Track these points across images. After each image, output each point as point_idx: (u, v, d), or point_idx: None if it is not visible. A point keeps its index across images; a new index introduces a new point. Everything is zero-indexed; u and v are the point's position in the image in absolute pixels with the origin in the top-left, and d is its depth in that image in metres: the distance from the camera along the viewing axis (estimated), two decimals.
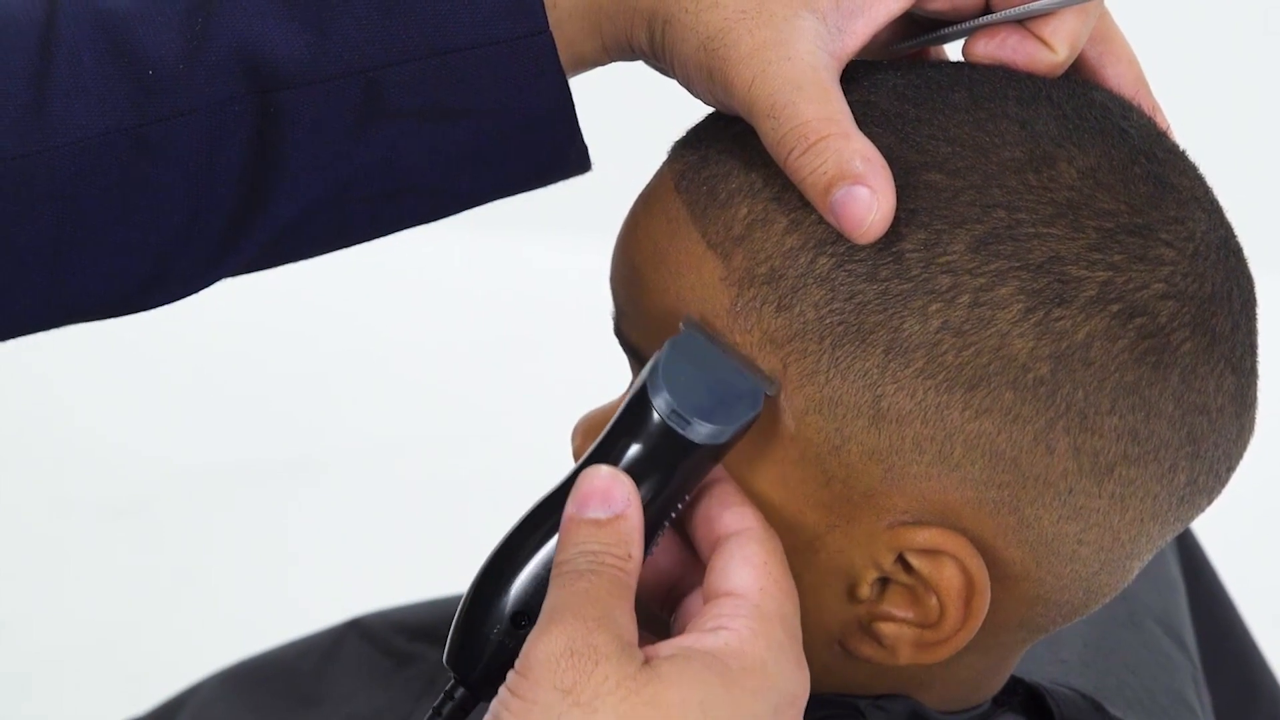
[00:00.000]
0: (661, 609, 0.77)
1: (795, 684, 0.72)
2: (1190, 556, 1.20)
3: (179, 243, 0.81)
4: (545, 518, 0.74)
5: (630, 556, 0.72)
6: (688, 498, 0.75)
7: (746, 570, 0.73)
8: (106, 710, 1.52)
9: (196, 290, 0.84)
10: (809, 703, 0.79)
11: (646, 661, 0.70)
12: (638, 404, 0.74)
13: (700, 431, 0.73)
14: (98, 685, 1.94)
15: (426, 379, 2.45)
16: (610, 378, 0.80)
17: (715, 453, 0.74)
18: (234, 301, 1.59)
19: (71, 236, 0.80)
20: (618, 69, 0.85)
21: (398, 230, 0.84)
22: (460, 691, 0.75)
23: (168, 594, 2.08)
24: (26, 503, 2.22)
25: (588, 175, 0.85)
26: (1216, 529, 1.38)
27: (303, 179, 0.80)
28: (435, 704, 0.76)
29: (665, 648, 0.71)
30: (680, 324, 0.75)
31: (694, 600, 0.76)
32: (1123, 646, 1.08)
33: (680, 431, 0.73)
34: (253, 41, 0.78)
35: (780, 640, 0.72)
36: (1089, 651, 1.06)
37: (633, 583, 0.72)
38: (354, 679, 1.08)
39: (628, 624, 0.71)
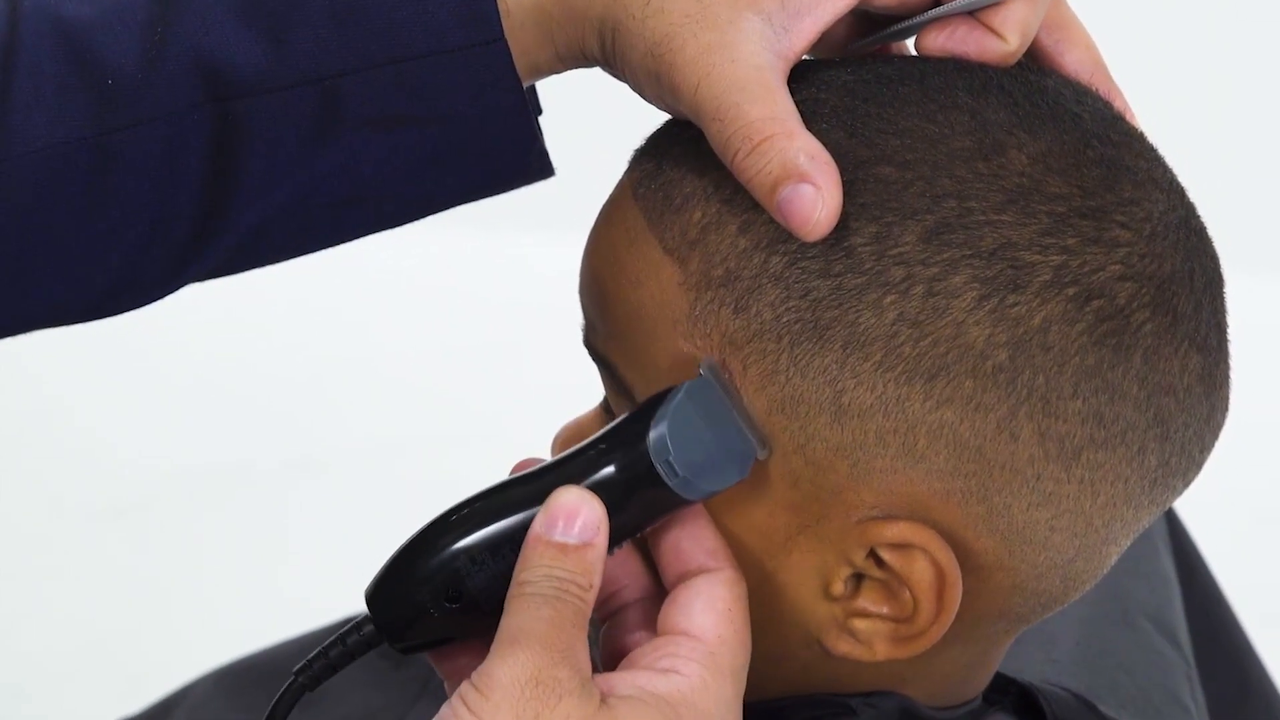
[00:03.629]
0: (595, 609, 0.77)
1: None
2: (1184, 554, 1.20)
3: (142, 250, 0.81)
4: (504, 506, 0.74)
5: (591, 587, 0.73)
6: (647, 530, 0.75)
7: (710, 615, 0.74)
8: (105, 710, 1.52)
9: (162, 296, 0.84)
10: (800, 702, 0.79)
11: (604, 700, 0.70)
12: (633, 433, 0.74)
13: (684, 485, 0.73)
14: (95, 685, 1.95)
15: (425, 380, 2.46)
16: None
17: (689, 501, 0.74)
18: (233, 302, 1.60)
19: (35, 246, 0.80)
20: None
21: (363, 235, 0.84)
22: (369, 629, 0.76)
23: (166, 594, 2.09)
24: (26, 503, 2.22)
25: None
26: (1211, 527, 1.38)
27: (264, 186, 0.80)
28: (343, 631, 0.76)
29: (620, 685, 0.72)
30: (700, 367, 0.75)
31: (635, 614, 0.77)
32: (1116, 645, 1.07)
33: (665, 479, 0.73)
34: (211, 51, 0.79)
35: (728, 698, 0.73)
36: (1082, 651, 1.05)
37: (589, 613, 0.73)
38: (350, 679, 1.07)
39: (585, 658, 0.71)
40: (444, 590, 0.74)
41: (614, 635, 0.77)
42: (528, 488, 0.74)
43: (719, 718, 0.72)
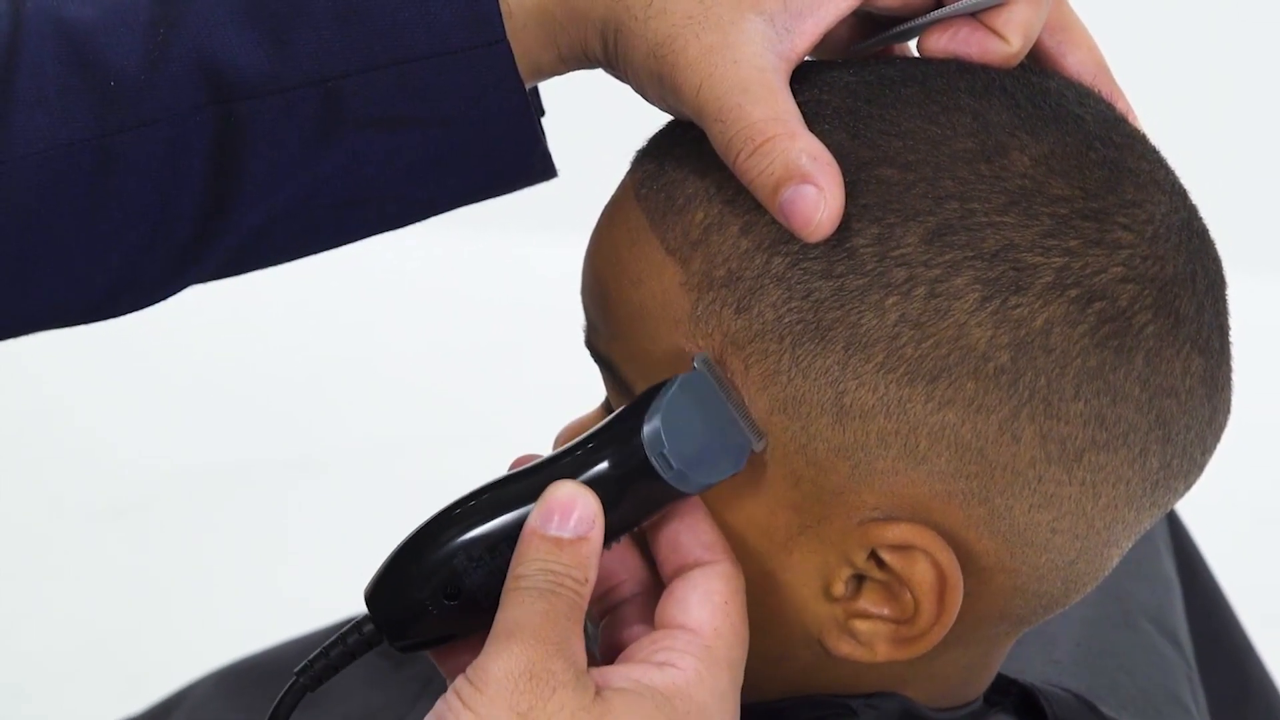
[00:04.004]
0: (593, 604, 0.77)
1: None
2: (1185, 555, 1.20)
3: (144, 252, 0.81)
4: (502, 503, 0.74)
5: (586, 581, 0.73)
6: (644, 524, 0.75)
7: (706, 607, 0.74)
8: (105, 710, 1.52)
9: (164, 297, 0.85)
10: (801, 703, 0.79)
11: (598, 693, 0.70)
12: (627, 427, 0.74)
13: (679, 478, 0.73)
14: (96, 685, 1.95)
15: (425, 379, 2.46)
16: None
17: (685, 494, 0.74)
18: (233, 302, 1.60)
19: (36, 247, 0.80)
20: None
21: (365, 237, 0.84)
22: (369, 628, 0.76)
23: (166, 594, 2.09)
24: (26, 503, 2.22)
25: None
26: (1212, 528, 1.38)
27: (266, 188, 0.80)
28: (343, 631, 0.76)
29: (615, 678, 0.72)
30: (693, 360, 0.74)
31: (633, 609, 0.77)
32: (1117, 646, 1.07)
33: (660, 472, 0.73)
34: (214, 52, 0.79)
35: (725, 690, 0.73)
36: (1083, 651, 1.05)
37: (585, 606, 0.73)
38: (350, 679, 1.07)
39: (580, 651, 0.71)
40: (442, 588, 0.74)
41: (612, 630, 0.77)
42: (524, 484, 0.74)
43: (715, 710, 0.72)
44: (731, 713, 0.73)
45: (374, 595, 0.75)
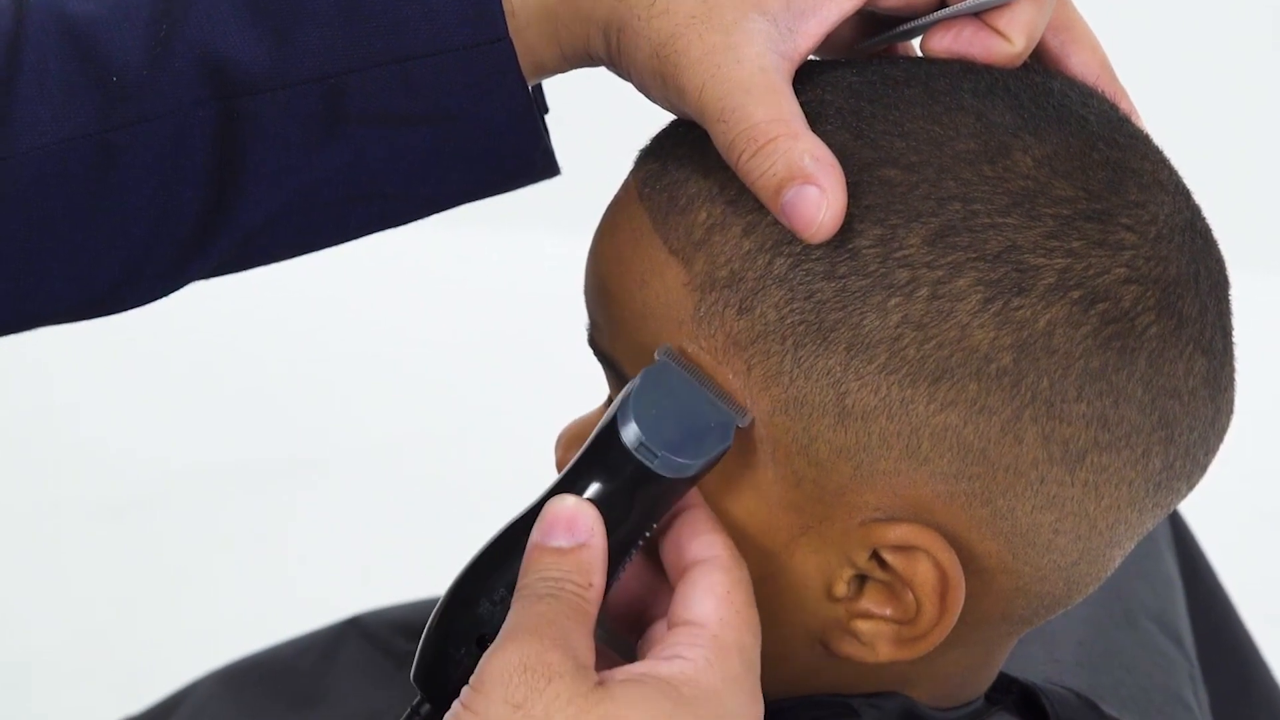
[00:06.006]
0: (630, 634, 0.77)
1: (748, 717, 0.72)
2: (1188, 555, 1.20)
3: (146, 247, 0.81)
4: (513, 542, 0.74)
5: (591, 585, 0.72)
6: (656, 525, 0.75)
7: (709, 600, 0.73)
8: (106, 709, 1.52)
9: (166, 293, 0.85)
10: (803, 702, 0.79)
11: (600, 684, 0.70)
12: (607, 434, 0.74)
13: (667, 465, 0.73)
14: (97, 684, 1.95)
15: (426, 377, 2.45)
16: None
17: (682, 484, 0.74)
18: (233, 301, 1.60)
19: (39, 241, 0.80)
20: None
21: (367, 233, 0.85)
22: (426, 708, 0.76)
23: (166, 593, 2.08)
24: (26, 503, 2.22)
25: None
26: (1214, 526, 1.38)
27: (267, 184, 0.80)
28: (404, 717, 0.76)
29: (620, 672, 0.71)
30: (656, 353, 0.75)
31: (660, 627, 0.76)
32: (1119, 645, 1.07)
33: (647, 464, 0.73)
34: (216, 48, 0.79)
35: (736, 673, 0.72)
36: (1085, 650, 1.05)
37: (593, 611, 0.72)
38: (352, 679, 1.08)
39: (584, 648, 0.71)
40: (473, 638, 0.74)
41: (644, 651, 0.76)
42: (528, 519, 0.75)
43: (728, 692, 0.72)
44: (749, 693, 0.73)
45: (420, 674, 0.75)
